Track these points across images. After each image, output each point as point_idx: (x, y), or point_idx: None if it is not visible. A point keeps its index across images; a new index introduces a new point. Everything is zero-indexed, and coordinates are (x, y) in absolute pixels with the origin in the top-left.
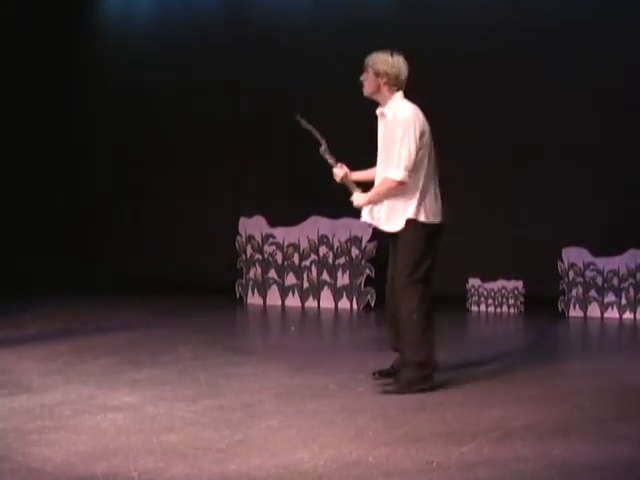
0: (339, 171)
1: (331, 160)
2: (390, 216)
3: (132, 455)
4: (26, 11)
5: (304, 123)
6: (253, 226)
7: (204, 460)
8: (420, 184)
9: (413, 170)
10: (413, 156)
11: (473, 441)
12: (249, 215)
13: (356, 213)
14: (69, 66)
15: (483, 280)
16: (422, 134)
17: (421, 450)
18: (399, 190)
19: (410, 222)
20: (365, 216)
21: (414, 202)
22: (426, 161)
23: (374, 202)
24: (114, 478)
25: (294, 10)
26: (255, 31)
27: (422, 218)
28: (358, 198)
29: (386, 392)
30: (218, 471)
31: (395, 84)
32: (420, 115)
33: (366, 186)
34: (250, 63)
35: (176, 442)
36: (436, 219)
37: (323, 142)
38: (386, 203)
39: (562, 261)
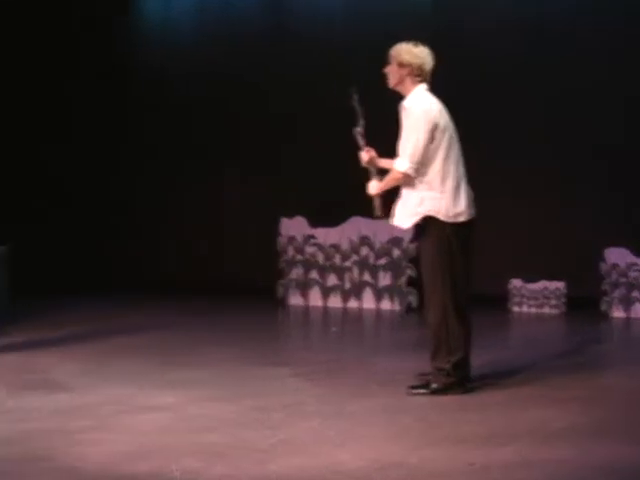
0: (364, 155)
1: (361, 142)
2: (401, 212)
3: (173, 455)
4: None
5: (354, 99)
6: (294, 227)
7: (244, 460)
8: (437, 180)
9: (422, 164)
10: (420, 150)
11: (514, 442)
12: (290, 216)
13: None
14: (109, 62)
15: (525, 281)
16: (434, 128)
17: (463, 451)
18: (406, 182)
19: (429, 220)
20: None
21: (430, 199)
22: (442, 156)
23: (383, 191)
24: (155, 478)
25: (331, 3)
26: (292, 25)
27: (441, 216)
28: (372, 186)
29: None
30: (258, 471)
31: (419, 75)
32: (437, 109)
33: None
34: (288, 59)
35: (217, 442)
36: (459, 218)
37: (360, 124)
38: (401, 199)
39: (604, 261)
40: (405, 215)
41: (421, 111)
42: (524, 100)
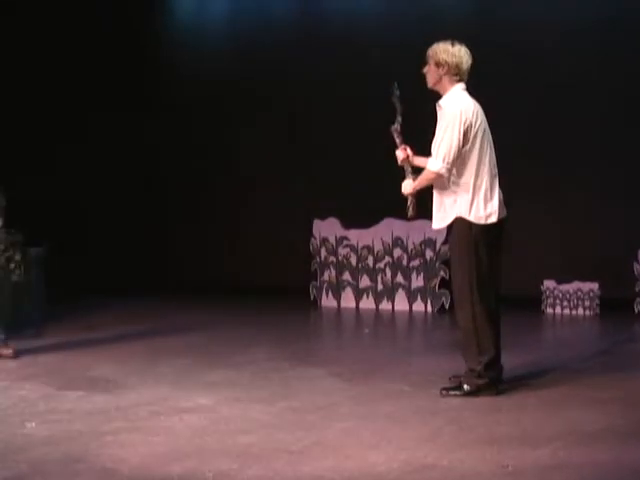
0: (400, 153)
1: (398, 140)
2: (437, 213)
3: (207, 456)
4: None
5: (395, 95)
6: (327, 228)
7: (278, 462)
8: (470, 181)
9: (455, 164)
10: (454, 150)
11: (548, 444)
12: (323, 217)
13: (431, 215)
14: (143, 65)
15: (558, 282)
16: (469, 129)
17: (496, 453)
18: (440, 183)
19: (459, 221)
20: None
21: (463, 200)
22: (476, 157)
23: (417, 191)
24: (189, 479)
25: (367, 9)
26: (327, 30)
27: (472, 218)
28: (406, 185)
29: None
30: (292, 473)
31: (456, 74)
32: (472, 110)
33: None
34: (323, 63)
35: (250, 444)
36: (490, 219)
37: (398, 121)
38: (435, 201)
39: (638, 262)
40: (439, 216)
41: (456, 111)
42: (557, 101)
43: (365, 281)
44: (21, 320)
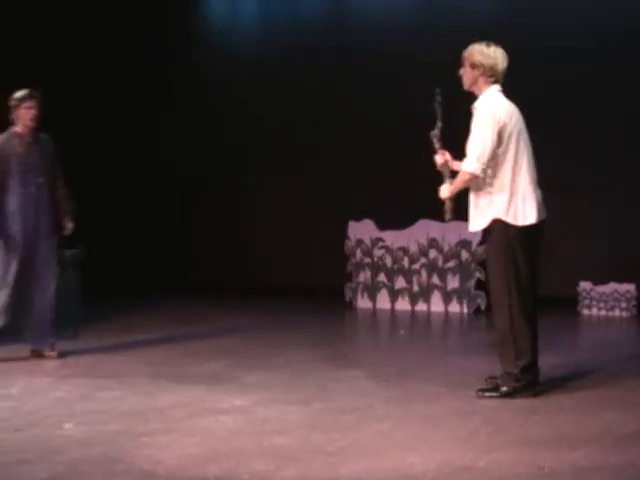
0: (438, 158)
1: (437, 145)
2: (472, 215)
3: (243, 458)
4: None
5: (437, 100)
6: (362, 230)
7: (314, 463)
8: (506, 182)
9: (491, 165)
10: (488, 150)
11: (585, 446)
12: (358, 219)
13: (466, 216)
14: (174, 67)
15: (595, 283)
16: (503, 129)
17: (532, 455)
18: (475, 184)
19: (496, 223)
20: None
21: (500, 201)
22: (512, 158)
23: (454, 194)
24: None
25: (397, 13)
26: (358, 34)
27: (510, 219)
28: (443, 190)
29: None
30: (328, 474)
31: (491, 75)
32: (506, 110)
33: None
34: (356, 66)
35: (286, 445)
36: (528, 220)
37: (438, 126)
38: (471, 203)
39: None
40: (476, 218)
41: (489, 111)
42: (589, 102)
43: (400, 282)
44: (58, 321)
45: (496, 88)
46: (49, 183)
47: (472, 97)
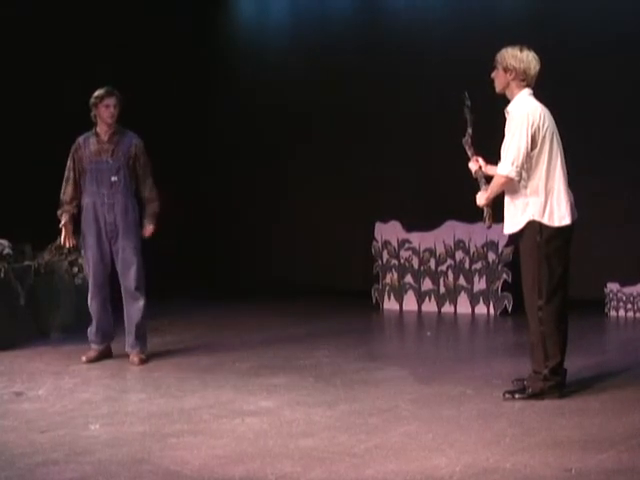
0: (472, 165)
1: (470, 152)
2: (507, 217)
3: (269, 459)
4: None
5: (466, 105)
6: (389, 231)
7: (341, 465)
8: (541, 184)
9: (525, 168)
10: (523, 153)
11: (612, 448)
12: (385, 220)
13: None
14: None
15: (622, 284)
16: (536, 132)
17: (559, 457)
18: (510, 187)
19: (530, 225)
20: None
21: (535, 203)
22: (546, 160)
23: (491, 200)
24: None
25: (429, 11)
26: (389, 33)
27: (546, 220)
28: (480, 197)
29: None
30: (354, 476)
31: (523, 79)
32: (539, 113)
33: None
34: (386, 65)
35: (313, 447)
36: (562, 221)
37: (468, 132)
38: (506, 205)
39: None
40: (511, 220)
41: (523, 115)
42: (619, 104)
43: (427, 284)
44: (84, 323)
45: (528, 92)
46: (128, 182)
47: (505, 100)
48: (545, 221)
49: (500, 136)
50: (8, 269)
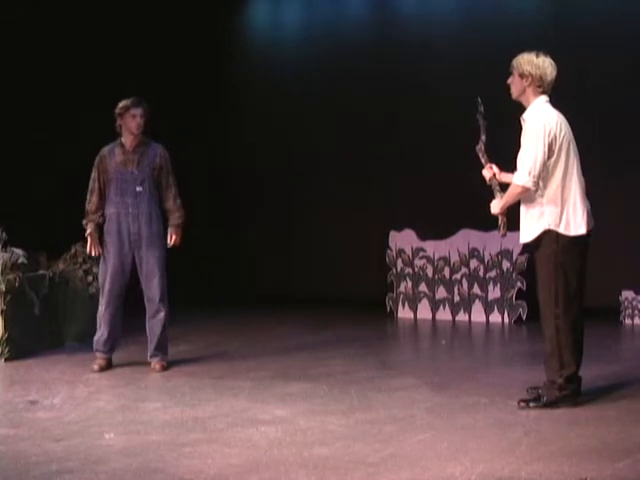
0: (486, 172)
1: (483, 159)
2: (523, 226)
3: (284, 468)
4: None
5: (479, 111)
6: (403, 240)
7: (355, 474)
8: (557, 193)
9: (541, 177)
10: (540, 162)
11: (627, 457)
12: (399, 229)
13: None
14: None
15: (637, 292)
16: (553, 141)
17: (574, 465)
18: (526, 196)
19: (547, 234)
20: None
21: (551, 212)
22: (562, 169)
23: (506, 208)
24: None
25: (442, 18)
26: (403, 40)
27: (562, 229)
28: (494, 206)
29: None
30: None
31: (540, 86)
32: (556, 121)
33: None
34: (400, 74)
35: (327, 456)
36: (579, 231)
37: (482, 139)
38: (522, 213)
39: None
40: (527, 229)
41: (539, 124)
42: (635, 110)
43: (441, 292)
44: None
45: (544, 99)
46: (152, 193)
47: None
48: (561, 230)
49: (514, 143)
50: (23, 278)
